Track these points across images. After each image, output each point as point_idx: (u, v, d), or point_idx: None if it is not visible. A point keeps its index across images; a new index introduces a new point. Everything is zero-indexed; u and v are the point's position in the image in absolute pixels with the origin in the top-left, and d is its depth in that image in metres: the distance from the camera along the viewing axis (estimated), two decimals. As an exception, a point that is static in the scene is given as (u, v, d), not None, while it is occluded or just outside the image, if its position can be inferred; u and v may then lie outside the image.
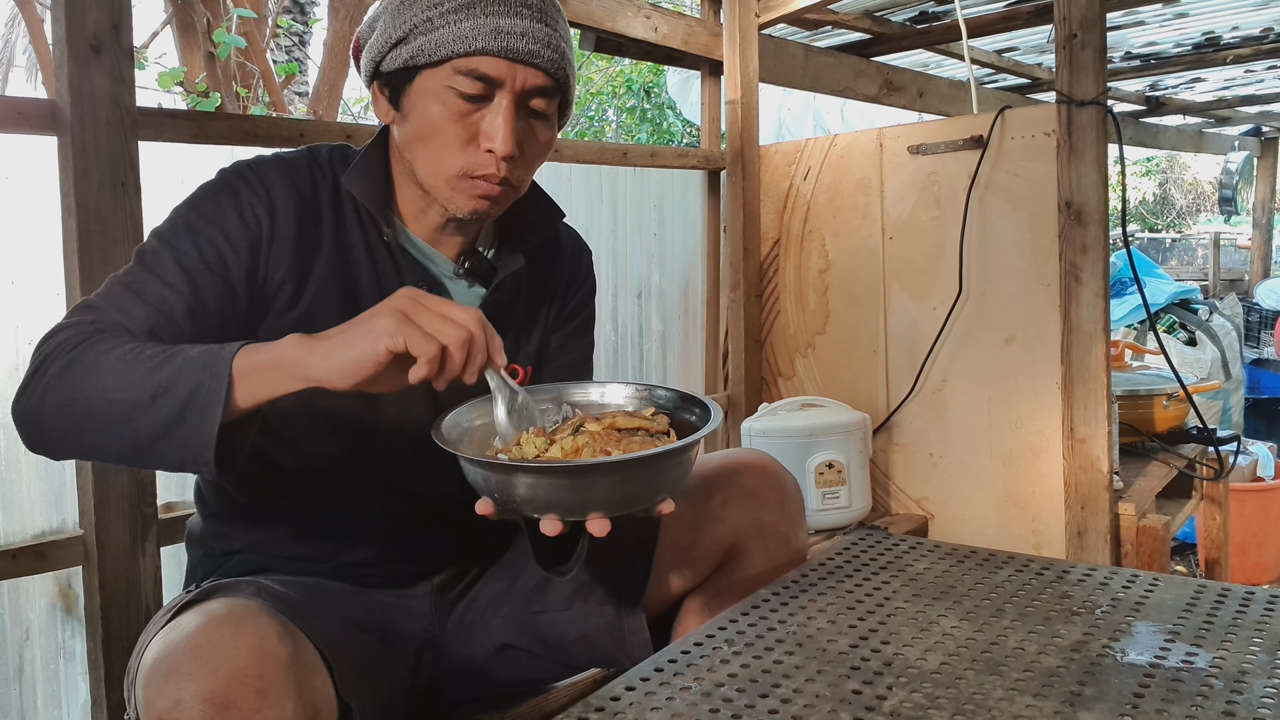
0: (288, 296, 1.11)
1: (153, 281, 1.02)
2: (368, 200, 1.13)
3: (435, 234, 1.18)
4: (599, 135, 8.87)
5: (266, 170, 1.12)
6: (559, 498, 0.93)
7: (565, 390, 1.15)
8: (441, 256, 1.19)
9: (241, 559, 1.18)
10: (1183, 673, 0.91)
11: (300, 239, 1.11)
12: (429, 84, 1.07)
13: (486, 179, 1.09)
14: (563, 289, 1.31)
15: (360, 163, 1.15)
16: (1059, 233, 2.14)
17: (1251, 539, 3.44)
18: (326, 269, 1.13)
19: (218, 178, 1.12)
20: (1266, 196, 6.92)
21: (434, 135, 1.08)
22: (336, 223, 1.15)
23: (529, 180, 1.18)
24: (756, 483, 1.22)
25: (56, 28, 1.36)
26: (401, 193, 1.17)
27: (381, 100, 1.14)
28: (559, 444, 1.01)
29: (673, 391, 1.14)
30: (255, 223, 1.08)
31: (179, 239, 1.05)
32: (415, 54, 1.06)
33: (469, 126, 1.07)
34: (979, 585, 1.15)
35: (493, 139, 1.06)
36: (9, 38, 7.79)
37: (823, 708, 0.87)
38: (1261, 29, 3.62)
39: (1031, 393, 2.22)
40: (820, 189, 2.58)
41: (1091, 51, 2.06)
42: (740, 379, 2.67)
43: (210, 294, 1.04)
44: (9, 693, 1.49)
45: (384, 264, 1.16)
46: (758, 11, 2.63)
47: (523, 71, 1.06)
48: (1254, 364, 5.10)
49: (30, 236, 1.46)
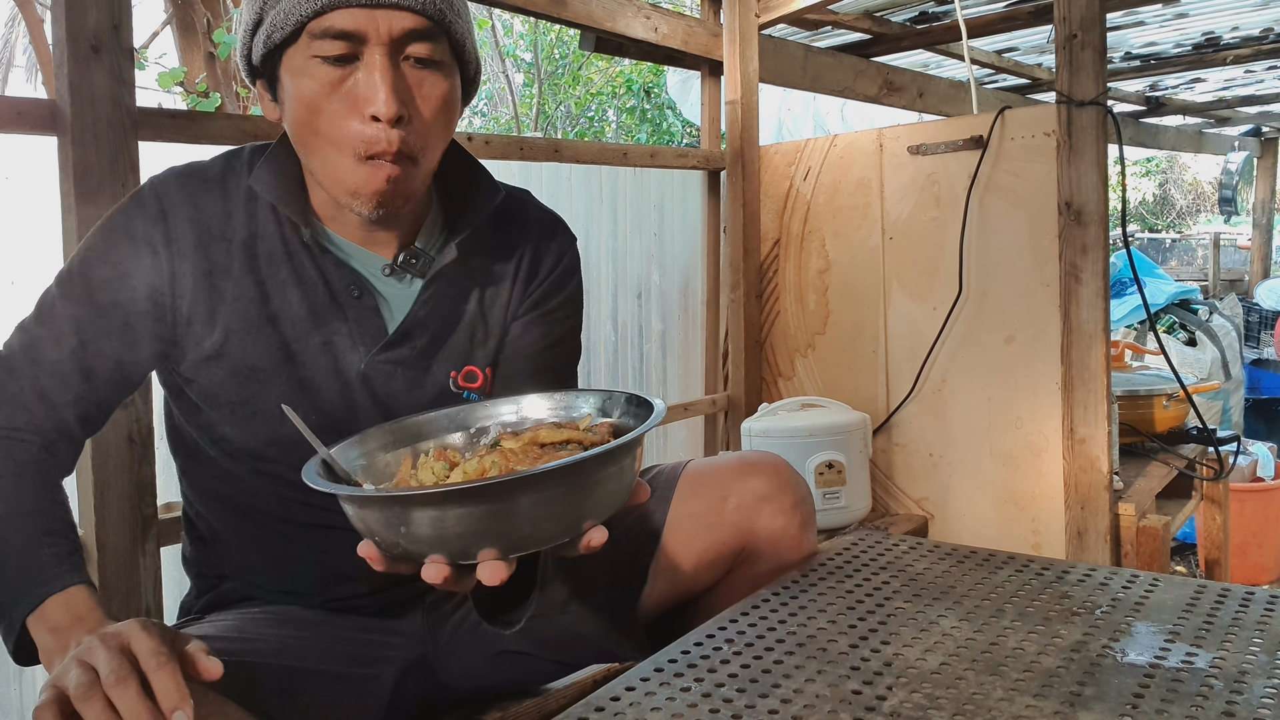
0: (199, 330, 1.03)
1: (44, 339, 0.99)
2: (276, 198, 1.03)
3: (362, 232, 1.07)
4: (599, 135, 8.87)
5: (168, 190, 1.03)
6: (435, 534, 0.75)
7: (468, 414, 0.98)
8: (370, 254, 1.08)
9: (232, 586, 1.16)
10: (1183, 673, 0.91)
11: (205, 265, 1.03)
12: (294, 61, 0.97)
13: (381, 157, 0.96)
14: (528, 268, 1.17)
15: (269, 158, 1.05)
16: (1059, 233, 2.14)
17: (1251, 539, 3.44)
18: (239, 291, 1.04)
19: (117, 210, 1.04)
20: (1266, 197, 6.92)
21: (312, 118, 0.96)
22: (250, 234, 1.05)
23: (436, 149, 1.03)
24: (770, 487, 1.21)
25: (56, 28, 1.36)
26: (314, 192, 1.07)
27: (265, 98, 1.04)
28: (462, 467, 0.85)
29: (605, 392, 0.96)
30: (151, 253, 1.01)
31: (72, 287, 1.00)
32: (271, 32, 0.96)
33: (345, 97, 0.95)
34: (979, 585, 1.15)
35: (372, 100, 0.94)
36: (9, 38, 7.79)
37: (823, 708, 0.87)
38: (1261, 29, 3.62)
39: (1031, 393, 2.22)
40: (820, 189, 2.58)
41: (1091, 51, 2.06)
42: (740, 379, 2.67)
43: (103, 345, 1.00)
44: (9, 693, 1.49)
45: (307, 270, 1.06)
46: (758, 12, 2.63)
47: (385, 16, 0.94)
48: (1254, 364, 5.10)
49: (30, 236, 1.46)
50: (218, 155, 1.08)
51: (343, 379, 1.08)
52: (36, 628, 0.87)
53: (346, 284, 1.06)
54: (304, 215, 1.04)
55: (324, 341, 1.06)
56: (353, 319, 1.07)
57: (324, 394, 1.07)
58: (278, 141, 1.07)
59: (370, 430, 0.95)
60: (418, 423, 0.97)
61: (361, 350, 1.07)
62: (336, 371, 1.07)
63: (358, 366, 1.07)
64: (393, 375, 1.09)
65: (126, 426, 1.42)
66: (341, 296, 1.07)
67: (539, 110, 8.71)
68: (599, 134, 8.90)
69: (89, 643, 0.77)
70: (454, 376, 1.13)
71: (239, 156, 1.08)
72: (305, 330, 1.06)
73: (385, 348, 1.08)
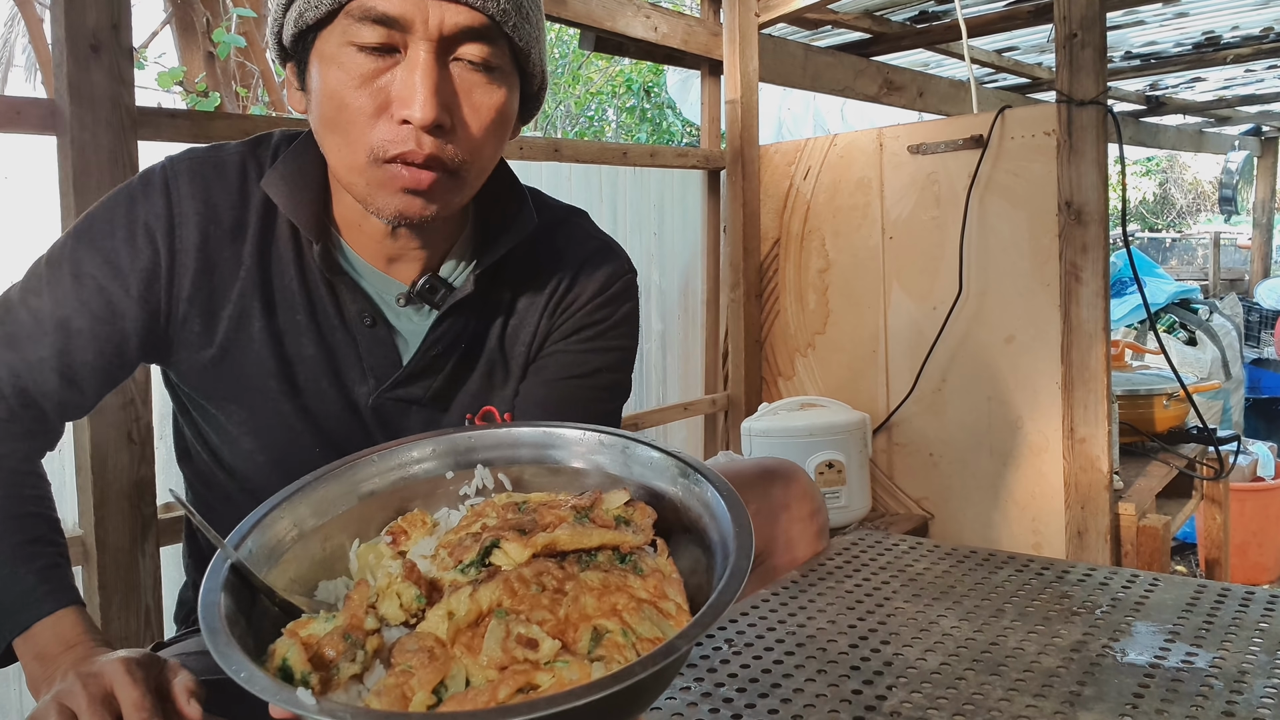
0: (196, 333, 0.94)
1: (24, 319, 0.90)
2: (288, 206, 0.91)
3: (383, 250, 0.94)
4: (599, 135, 8.87)
5: (178, 175, 0.93)
6: None
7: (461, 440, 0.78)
8: (386, 279, 0.96)
9: None
10: (1183, 673, 0.91)
11: (209, 263, 0.93)
12: (326, 46, 0.84)
13: (404, 160, 0.82)
14: (560, 298, 1.02)
15: (290, 156, 0.93)
16: (1059, 232, 2.14)
17: (1251, 539, 3.43)
18: (244, 297, 0.93)
19: (125, 186, 0.95)
20: (1266, 196, 6.92)
21: (338, 112, 0.83)
22: (264, 237, 0.94)
23: (484, 167, 0.90)
24: (789, 495, 1.23)
25: (56, 27, 1.36)
26: (338, 199, 0.94)
27: (293, 85, 0.91)
28: (447, 603, 0.61)
29: (664, 453, 0.72)
30: (150, 247, 0.91)
31: (61, 268, 0.91)
32: (304, 9, 0.83)
33: (377, 93, 0.82)
34: (979, 585, 1.15)
35: (407, 103, 0.80)
36: (8, 37, 7.78)
37: (823, 708, 0.87)
38: (1261, 28, 3.62)
39: (1031, 393, 2.22)
40: (820, 189, 2.58)
41: (1091, 51, 2.06)
42: (740, 379, 2.67)
43: (86, 335, 0.91)
44: (9, 693, 1.49)
45: (318, 290, 0.95)
46: (758, 11, 2.62)
47: (437, 7, 0.80)
48: (1254, 364, 5.09)
49: (30, 236, 1.45)
50: (244, 140, 0.97)
51: (350, 411, 0.98)
52: (23, 650, 0.84)
53: (359, 310, 0.95)
54: (317, 228, 0.92)
55: (331, 370, 0.97)
56: (364, 349, 0.96)
57: (329, 424, 0.98)
58: (305, 136, 0.95)
59: (315, 479, 0.74)
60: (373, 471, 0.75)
61: (372, 383, 0.97)
62: (344, 403, 0.98)
63: (366, 400, 0.98)
64: (405, 413, 0.99)
65: (126, 426, 1.42)
66: (353, 323, 0.96)
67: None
68: (599, 133, 8.89)
69: (71, 683, 0.74)
70: (470, 419, 0.99)
71: (265, 145, 0.96)
72: (311, 356, 0.96)
73: (396, 384, 0.97)
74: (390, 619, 0.62)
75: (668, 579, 0.64)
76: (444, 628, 0.60)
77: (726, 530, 0.64)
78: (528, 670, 0.56)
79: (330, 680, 0.58)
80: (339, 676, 0.58)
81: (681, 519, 0.70)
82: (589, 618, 0.60)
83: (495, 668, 0.57)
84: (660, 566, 0.66)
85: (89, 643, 0.83)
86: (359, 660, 0.59)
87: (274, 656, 0.59)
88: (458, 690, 0.57)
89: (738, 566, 0.60)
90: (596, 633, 0.59)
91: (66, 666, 0.79)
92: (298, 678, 0.57)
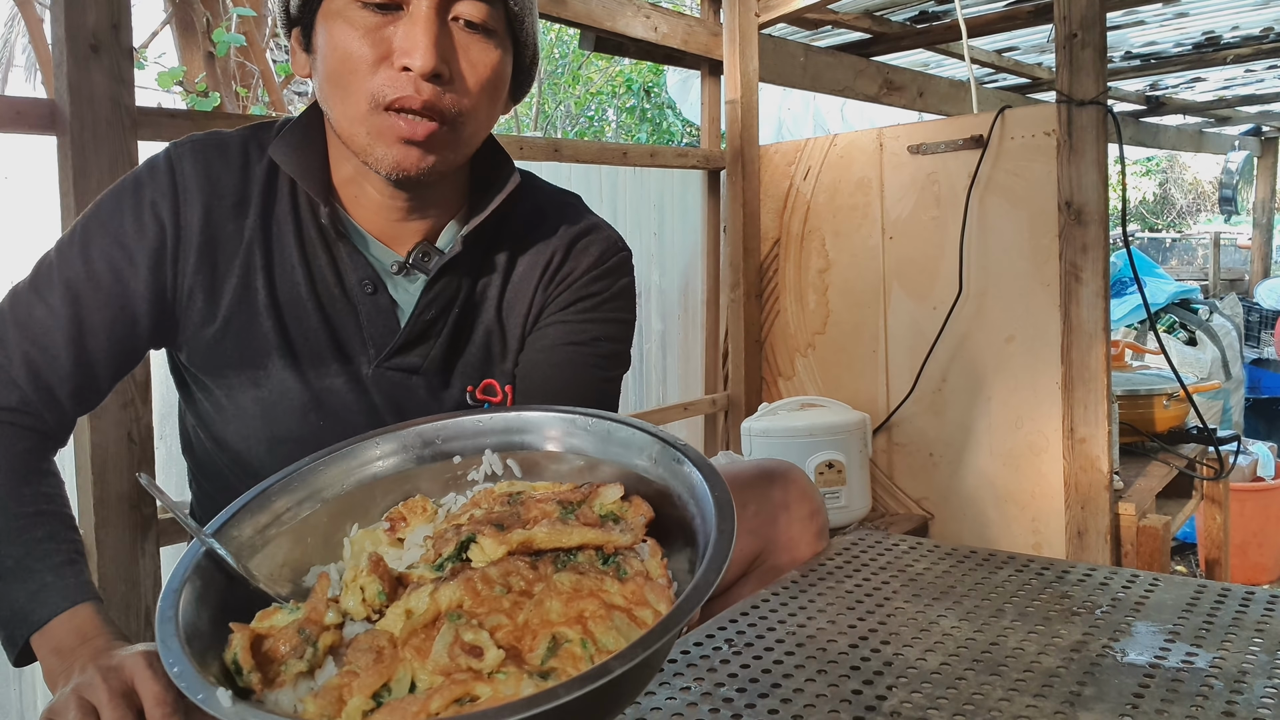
0: (200, 308, 0.97)
1: (37, 306, 0.93)
2: (295, 171, 0.95)
3: (384, 219, 0.98)
4: (599, 135, 8.87)
5: (182, 156, 0.97)
6: None
7: (435, 430, 0.75)
8: (386, 249, 0.99)
9: None
10: (1183, 673, 0.91)
11: (213, 239, 0.96)
12: (333, 4, 0.89)
13: (403, 106, 0.86)
14: (554, 269, 1.04)
15: (294, 127, 0.98)
16: (1059, 232, 2.14)
17: (1251, 539, 3.43)
18: (246, 272, 0.97)
19: (132, 172, 0.99)
20: (1266, 196, 6.92)
21: (342, 64, 0.88)
22: (265, 211, 0.97)
23: (481, 121, 0.94)
24: (788, 496, 1.24)
25: (56, 27, 1.36)
26: (338, 167, 0.98)
27: (297, 50, 0.96)
28: (407, 601, 0.59)
29: (645, 433, 0.69)
30: (156, 225, 0.95)
31: (71, 252, 0.95)
32: None
33: (380, 43, 0.87)
34: (979, 585, 1.15)
35: (409, 51, 0.85)
36: (8, 37, 7.78)
37: (823, 708, 0.87)
38: (1261, 28, 3.62)
39: (1031, 393, 2.22)
40: (820, 189, 2.58)
41: (1091, 51, 2.06)
42: (740, 379, 2.67)
43: (98, 318, 0.94)
44: (9, 693, 1.49)
45: (319, 258, 0.98)
46: (758, 11, 2.62)
47: None
48: (1254, 364, 5.09)
49: (30, 236, 1.45)
50: (246, 125, 1.01)
51: (352, 382, 1.00)
52: (40, 646, 0.85)
53: (360, 278, 0.98)
54: (324, 193, 0.96)
55: (332, 341, 0.99)
56: (365, 317, 0.99)
57: (330, 398, 0.99)
58: (307, 109, 1.00)
59: (316, 460, 0.74)
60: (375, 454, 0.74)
61: (371, 353, 1.00)
62: (345, 374, 0.99)
63: (366, 370, 1.00)
64: (406, 384, 1.01)
65: (126, 426, 1.42)
66: (353, 292, 0.99)
67: (538, 109, 8.71)
68: (599, 133, 8.89)
69: (91, 676, 0.75)
70: (470, 390, 1.03)
71: (267, 128, 1.00)
72: (312, 327, 0.98)
73: (394, 352, 0.99)
74: (353, 614, 0.60)
75: (652, 584, 0.60)
76: (400, 626, 0.57)
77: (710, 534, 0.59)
78: (467, 680, 0.53)
79: (275, 677, 0.56)
80: (285, 673, 0.57)
81: (664, 516, 0.66)
82: (550, 624, 0.56)
83: (440, 674, 0.54)
84: (648, 569, 0.61)
85: (107, 636, 0.84)
86: (307, 657, 0.57)
87: (230, 648, 0.58)
88: (401, 694, 0.54)
89: (702, 581, 0.55)
90: (555, 641, 0.56)
91: (85, 660, 0.79)
92: (245, 673, 0.56)
